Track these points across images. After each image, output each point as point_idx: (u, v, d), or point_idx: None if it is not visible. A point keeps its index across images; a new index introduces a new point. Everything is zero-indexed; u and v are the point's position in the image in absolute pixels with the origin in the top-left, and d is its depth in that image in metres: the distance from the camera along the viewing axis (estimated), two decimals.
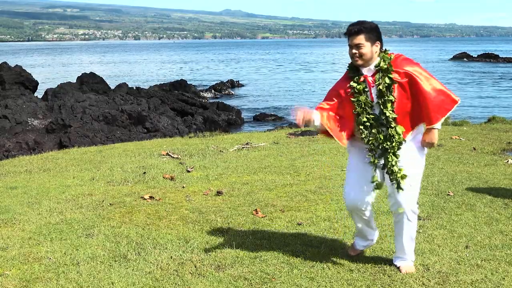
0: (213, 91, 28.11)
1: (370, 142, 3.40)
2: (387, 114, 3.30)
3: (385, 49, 3.37)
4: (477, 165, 6.75)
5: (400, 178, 3.35)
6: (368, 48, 3.29)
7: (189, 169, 6.72)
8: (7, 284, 3.46)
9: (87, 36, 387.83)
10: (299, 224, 4.52)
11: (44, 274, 3.60)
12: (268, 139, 8.93)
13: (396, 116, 3.31)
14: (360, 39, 3.28)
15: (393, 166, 3.34)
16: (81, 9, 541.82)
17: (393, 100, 3.29)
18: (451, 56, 59.47)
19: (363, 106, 3.36)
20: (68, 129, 12.14)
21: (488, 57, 52.35)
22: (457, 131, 9.56)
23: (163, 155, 7.84)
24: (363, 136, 3.41)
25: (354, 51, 3.31)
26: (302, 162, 7.10)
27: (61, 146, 11.04)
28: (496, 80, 33.47)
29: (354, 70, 3.41)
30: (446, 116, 3.34)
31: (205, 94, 26.49)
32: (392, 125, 3.32)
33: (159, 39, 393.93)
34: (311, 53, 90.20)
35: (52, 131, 12.36)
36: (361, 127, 3.40)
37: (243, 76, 39.41)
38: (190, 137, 10.48)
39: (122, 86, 21.00)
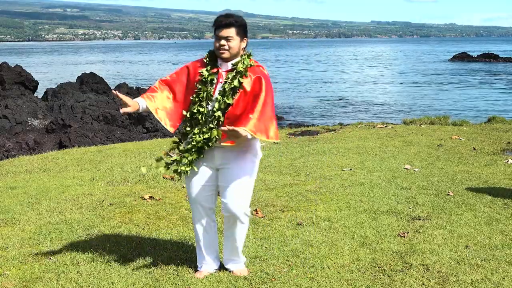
0: None
1: (189, 135, 3.32)
2: (217, 115, 3.22)
3: (250, 53, 3.32)
4: (477, 165, 6.75)
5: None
6: (237, 43, 3.26)
7: None
8: (7, 284, 3.46)
9: (87, 36, 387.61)
10: (299, 224, 4.52)
11: (44, 274, 3.60)
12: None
13: (222, 120, 3.21)
14: (231, 32, 3.24)
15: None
16: (81, 9, 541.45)
17: (230, 104, 3.21)
18: (451, 56, 59.41)
19: (201, 97, 3.28)
20: (68, 129, 12.15)
21: (488, 57, 52.32)
22: (457, 131, 9.56)
23: (163, 155, 7.83)
24: (186, 126, 3.35)
25: (222, 42, 3.24)
26: (302, 162, 7.10)
27: (61, 146, 11.04)
28: (497, 80, 33.46)
29: (212, 59, 3.35)
30: (261, 137, 3.16)
31: None
32: (212, 126, 3.23)
33: (159, 39, 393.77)
34: (312, 53, 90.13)
35: (52, 131, 12.37)
36: (188, 116, 3.33)
37: None
38: None
39: (122, 86, 20.97)
